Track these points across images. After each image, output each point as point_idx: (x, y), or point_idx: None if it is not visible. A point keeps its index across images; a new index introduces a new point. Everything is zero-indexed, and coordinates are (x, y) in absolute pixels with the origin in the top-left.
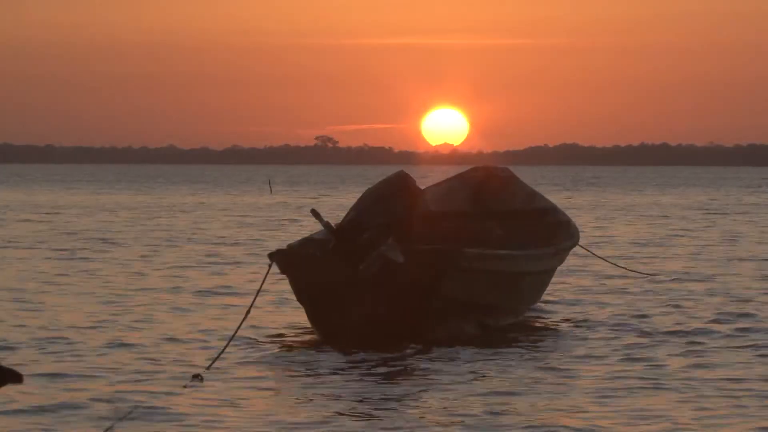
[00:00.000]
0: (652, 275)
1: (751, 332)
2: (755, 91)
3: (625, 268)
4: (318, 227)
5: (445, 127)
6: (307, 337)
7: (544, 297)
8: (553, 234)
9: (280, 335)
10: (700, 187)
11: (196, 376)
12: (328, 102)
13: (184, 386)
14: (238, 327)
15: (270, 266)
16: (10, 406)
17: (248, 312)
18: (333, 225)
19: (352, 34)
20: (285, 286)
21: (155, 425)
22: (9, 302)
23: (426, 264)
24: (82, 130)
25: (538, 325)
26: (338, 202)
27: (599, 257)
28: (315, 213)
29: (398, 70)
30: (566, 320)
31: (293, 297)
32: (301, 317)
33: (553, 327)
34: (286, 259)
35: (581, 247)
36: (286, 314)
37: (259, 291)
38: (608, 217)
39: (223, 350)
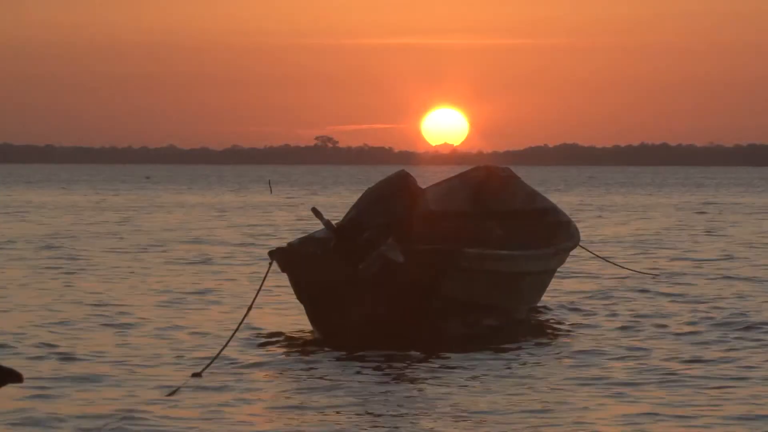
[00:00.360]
0: (651, 275)
1: (753, 332)
2: (755, 91)
3: (626, 268)
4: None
5: (445, 127)
6: (307, 337)
7: (544, 297)
8: (554, 234)
9: (280, 334)
10: (695, 186)
11: (196, 375)
12: (328, 102)
13: (183, 386)
14: (239, 326)
15: (270, 264)
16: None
17: (248, 310)
18: (334, 224)
19: (352, 34)
20: (285, 284)
21: (154, 426)
22: None
23: (426, 264)
24: (82, 130)
25: (538, 325)
26: (327, 202)
27: (600, 257)
28: (316, 211)
29: (398, 70)
30: (566, 321)
31: (293, 296)
32: (301, 316)
33: (552, 327)
34: (286, 258)
35: (582, 247)
36: (286, 313)
37: (259, 289)
38: (600, 216)
39: (223, 349)
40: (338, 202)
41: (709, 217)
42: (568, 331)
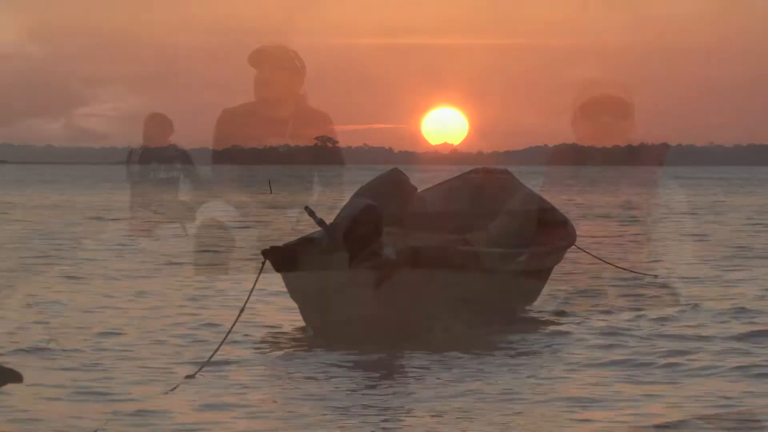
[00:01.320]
0: (648, 275)
1: (751, 332)
2: (755, 91)
3: (623, 269)
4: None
5: (445, 127)
6: (300, 336)
7: (540, 297)
8: (551, 234)
9: (274, 334)
10: (690, 187)
11: (189, 377)
12: (328, 102)
13: (176, 388)
14: (232, 326)
15: (263, 264)
16: None
17: (241, 311)
18: (327, 223)
19: (352, 34)
20: (279, 284)
21: (145, 428)
22: None
23: (420, 262)
24: (84, 130)
25: (533, 325)
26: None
27: (596, 257)
28: (309, 210)
29: (398, 70)
30: (562, 320)
31: (287, 295)
32: (294, 316)
33: (548, 327)
34: (279, 257)
35: (578, 247)
36: (280, 313)
37: (252, 289)
38: (595, 216)
39: (216, 350)
40: (336, 202)
41: (703, 216)
42: (564, 331)
